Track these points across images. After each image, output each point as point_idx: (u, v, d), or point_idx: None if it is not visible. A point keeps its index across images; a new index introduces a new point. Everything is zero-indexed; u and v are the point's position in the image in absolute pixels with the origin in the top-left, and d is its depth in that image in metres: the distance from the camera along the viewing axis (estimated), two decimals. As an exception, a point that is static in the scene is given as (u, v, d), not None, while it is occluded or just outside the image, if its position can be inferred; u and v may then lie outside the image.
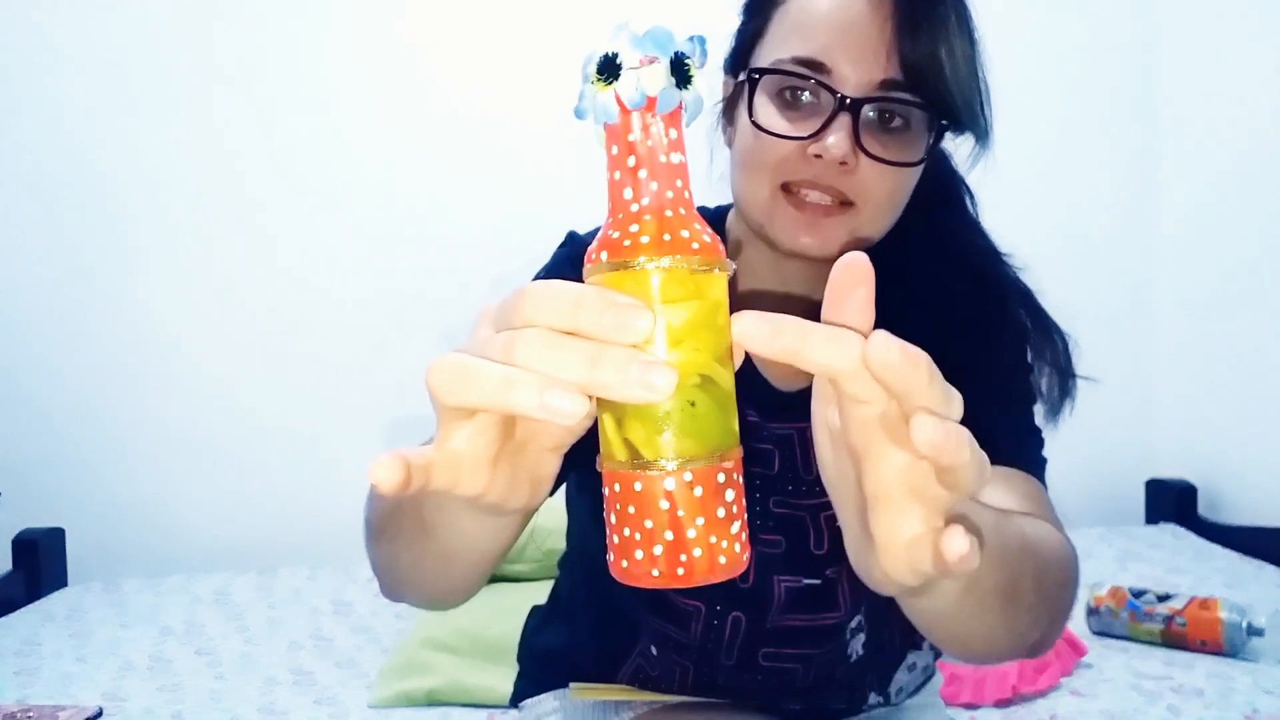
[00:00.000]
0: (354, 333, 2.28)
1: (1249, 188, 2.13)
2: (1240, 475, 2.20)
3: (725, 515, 0.39)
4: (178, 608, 1.93)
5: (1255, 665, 1.48)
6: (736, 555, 0.40)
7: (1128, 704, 1.38)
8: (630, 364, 0.36)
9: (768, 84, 0.73)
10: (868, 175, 0.72)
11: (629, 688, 0.94)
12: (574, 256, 0.85)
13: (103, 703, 1.50)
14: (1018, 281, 0.86)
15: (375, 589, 1.96)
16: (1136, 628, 1.59)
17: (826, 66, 0.71)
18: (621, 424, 0.39)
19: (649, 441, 0.38)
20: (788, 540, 0.86)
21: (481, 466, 0.42)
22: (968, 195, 0.89)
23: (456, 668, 1.52)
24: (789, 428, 0.85)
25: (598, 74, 0.39)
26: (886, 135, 0.72)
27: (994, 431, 0.80)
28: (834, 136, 0.70)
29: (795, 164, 0.72)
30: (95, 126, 2.23)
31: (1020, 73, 2.28)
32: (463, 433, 0.41)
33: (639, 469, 0.39)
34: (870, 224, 0.75)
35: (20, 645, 1.76)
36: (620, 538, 0.40)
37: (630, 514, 0.39)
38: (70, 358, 2.23)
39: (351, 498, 2.37)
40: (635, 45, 0.39)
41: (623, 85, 0.39)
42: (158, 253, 2.25)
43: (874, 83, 0.70)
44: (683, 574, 0.39)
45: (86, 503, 2.22)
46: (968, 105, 0.73)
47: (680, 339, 0.38)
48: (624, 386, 0.36)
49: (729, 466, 0.40)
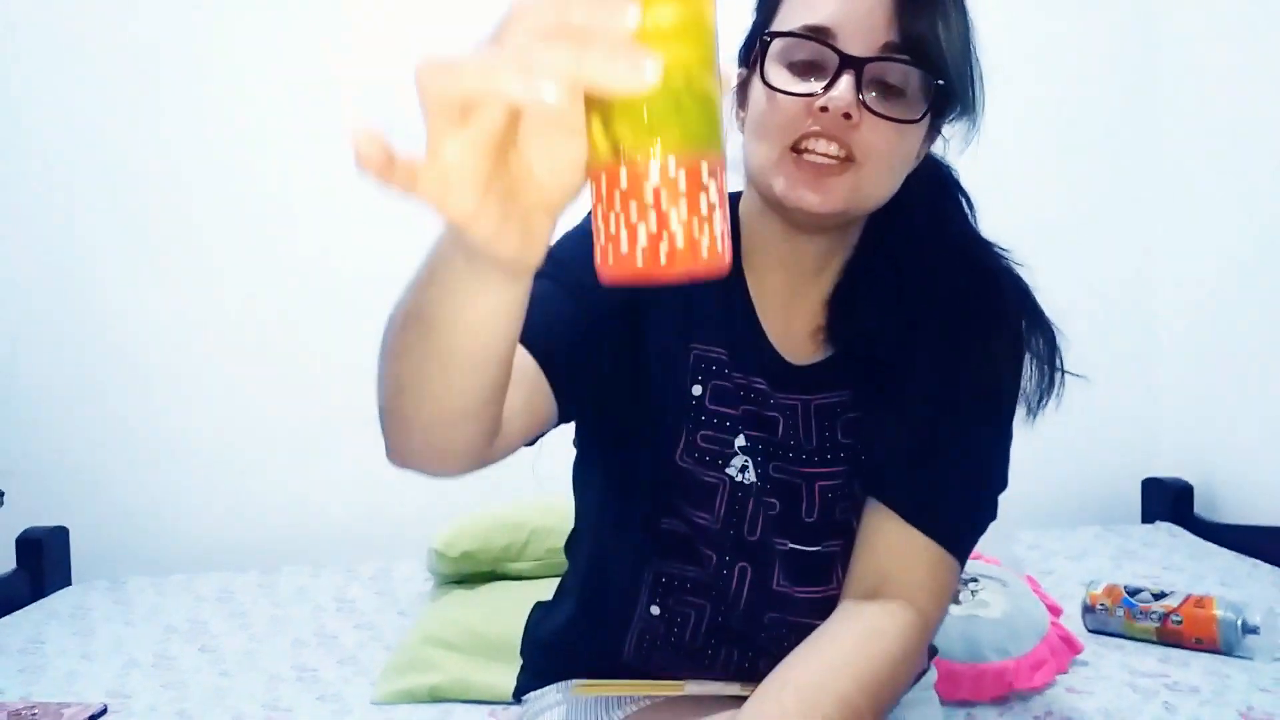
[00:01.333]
0: (356, 333, 2.27)
1: (1249, 186, 2.13)
2: (1236, 475, 2.21)
3: (708, 209, 0.41)
4: (181, 606, 1.95)
5: (1250, 663, 1.49)
6: (718, 252, 0.41)
7: (1123, 701, 1.39)
8: (618, 52, 0.37)
9: (778, 52, 0.79)
10: (869, 132, 0.77)
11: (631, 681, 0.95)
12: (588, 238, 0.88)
13: (107, 700, 1.51)
14: (1013, 274, 0.90)
15: (378, 587, 1.99)
16: (1132, 625, 1.60)
17: (832, 31, 0.77)
18: (609, 124, 0.40)
19: (635, 135, 0.40)
20: (782, 504, 0.90)
21: (471, 186, 0.41)
22: (966, 202, 0.93)
23: (459, 665, 1.53)
24: (795, 398, 0.90)
25: None
26: (887, 95, 0.78)
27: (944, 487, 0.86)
28: (839, 89, 0.75)
29: (803, 119, 0.77)
30: (99, 127, 2.23)
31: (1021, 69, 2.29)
32: (454, 143, 0.40)
33: (625, 161, 0.40)
34: (871, 182, 0.79)
35: (25, 643, 1.77)
36: (606, 235, 0.41)
37: (615, 206, 0.40)
38: (73, 357, 2.24)
39: (354, 496, 2.40)
40: None
41: None
42: (160, 253, 2.26)
43: (876, 45, 0.76)
44: (665, 262, 0.40)
45: (90, 502, 2.22)
46: (960, 76, 0.80)
47: (668, 36, 0.39)
48: (611, 75, 0.36)
49: (714, 162, 0.41)
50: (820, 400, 0.90)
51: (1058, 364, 0.88)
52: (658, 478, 0.90)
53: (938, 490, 0.86)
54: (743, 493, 0.89)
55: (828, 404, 0.90)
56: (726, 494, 0.89)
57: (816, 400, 0.90)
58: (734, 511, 0.90)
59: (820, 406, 0.90)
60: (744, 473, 0.89)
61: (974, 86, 0.83)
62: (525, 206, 0.44)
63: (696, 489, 0.89)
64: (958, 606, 1.50)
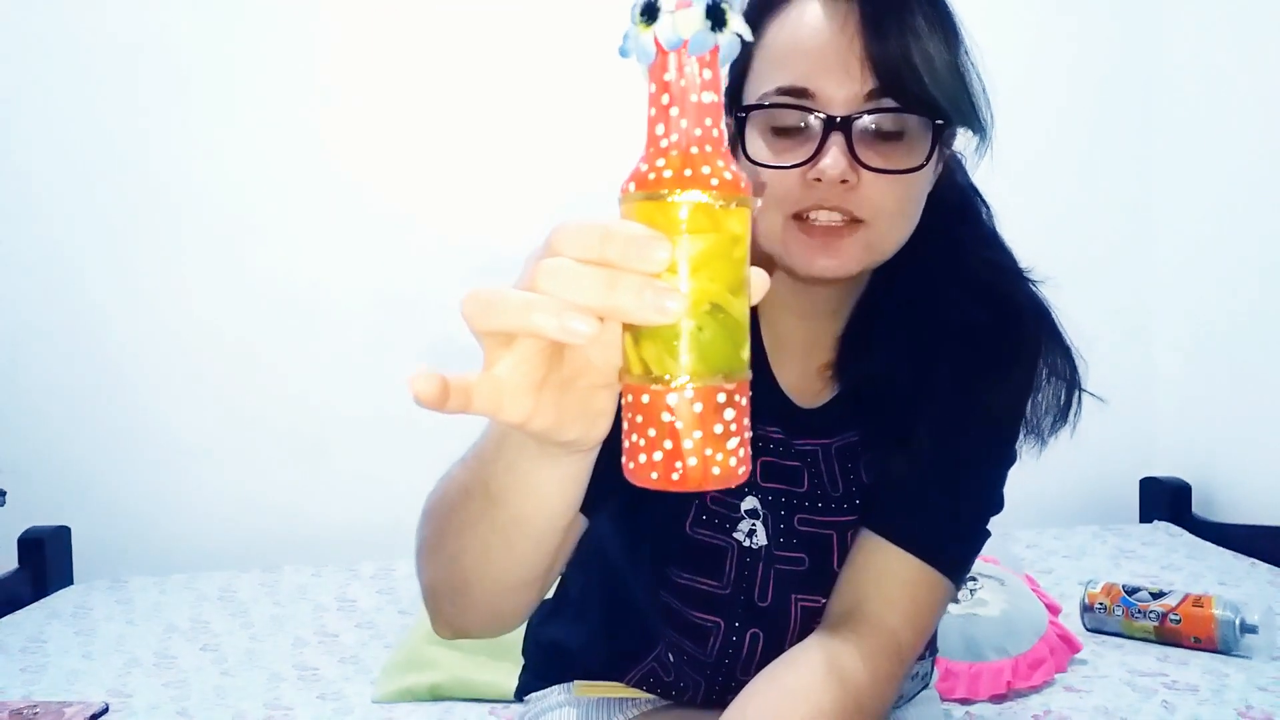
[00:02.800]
0: (357, 333, 2.29)
1: (1247, 189, 2.14)
2: (1234, 474, 2.21)
3: (723, 432, 0.43)
4: (183, 605, 1.95)
5: (1249, 662, 1.50)
6: (731, 469, 0.43)
7: (1122, 700, 1.39)
8: (644, 289, 0.39)
9: (758, 120, 0.74)
10: (872, 189, 0.72)
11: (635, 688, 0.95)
12: None
13: (108, 699, 1.51)
14: (1034, 299, 0.85)
15: (379, 586, 1.99)
16: (1131, 625, 1.61)
17: (810, 91, 0.71)
18: (638, 342, 0.43)
19: (659, 359, 0.42)
20: (811, 558, 0.87)
21: (525, 392, 0.44)
22: (984, 207, 0.89)
23: (460, 663, 1.53)
24: (813, 444, 0.86)
25: (640, 15, 0.42)
26: (884, 146, 0.72)
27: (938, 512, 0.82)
28: (829, 157, 0.70)
29: (799, 193, 0.73)
30: (98, 129, 2.24)
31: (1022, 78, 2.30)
32: (506, 360, 0.43)
33: (649, 382, 0.42)
34: (883, 238, 0.75)
35: (26, 642, 1.77)
36: (629, 442, 0.44)
37: (638, 422, 0.43)
38: (75, 357, 2.25)
39: (355, 495, 2.40)
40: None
41: (660, 27, 0.42)
42: (162, 253, 2.27)
43: (858, 97, 0.71)
44: (677, 479, 0.43)
45: (92, 501, 2.23)
46: (953, 102, 0.73)
47: (696, 268, 0.41)
48: (638, 310, 0.40)
49: (731, 388, 0.43)
50: (840, 443, 0.86)
51: (1076, 389, 0.85)
52: (669, 547, 0.87)
53: (926, 510, 0.82)
54: (751, 557, 0.86)
55: (848, 445, 0.86)
56: (735, 559, 0.86)
57: (836, 443, 0.86)
58: (744, 577, 0.87)
59: (841, 449, 0.86)
60: (751, 537, 0.86)
61: (975, 104, 0.77)
62: (583, 390, 0.45)
63: (705, 555, 0.87)
64: (956, 605, 1.51)
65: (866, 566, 0.82)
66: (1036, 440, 0.86)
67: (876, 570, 0.81)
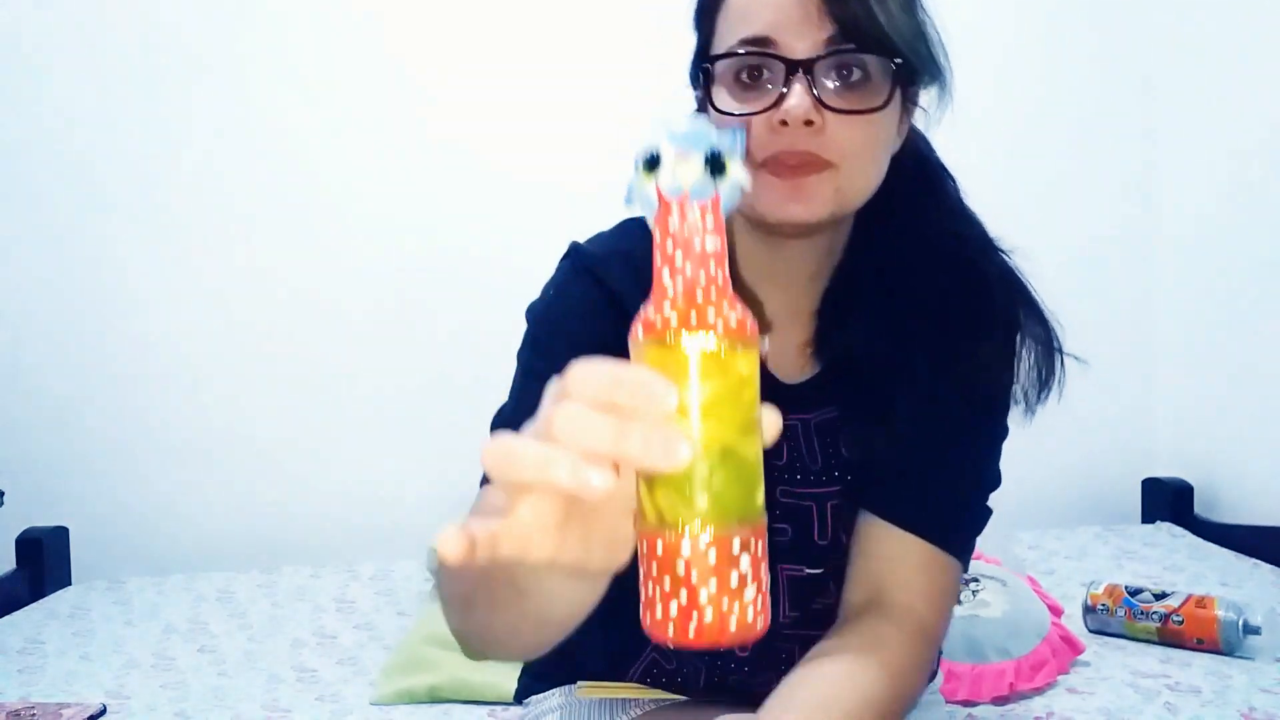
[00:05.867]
0: (356, 333, 2.29)
1: (1248, 189, 2.13)
2: (1236, 474, 2.21)
3: (739, 582, 0.42)
4: (181, 606, 1.95)
5: (1252, 663, 1.49)
6: (749, 622, 0.43)
7: (1124, 701, 1.39)
8: (653, 435, 0.40)
9: (724, 73, 0.77)
10: (837, 131, 0.74)
11: (637, 685, 0.94)
12: (579, 268, 0.87)
13: (106, 700, 1.51)
14: (1006, 268, 0.87)
15: (377, 587, 1.99)
16: (1133, 626, 1.60)
17: (772, 40, 0.74)
18: (651, 489, 0.43)
19: (671, 506, 0.42)
20: (794, 528, 0.88)
21: (549, 533, 0.44)
22: (950, 180, 0.90)
23: (458, 665, 1.53)
24: (795, 419, 0.87)
25: (643, 166, 0.44)
26: (846, 90, 0.75)
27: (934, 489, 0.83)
28: (793, 99, 0.73)
29: (766, 138, 0.75)
30: (97, 128, 2.24)
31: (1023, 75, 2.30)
32: (526, 504, 0.43)
33: (662, 531, 0.42)
34: (851, 181, 0.77)
35: (24, 643, 1.77)
36: (646, 593, 0.44)
37: (653, 572, 0.43)
38: (73, 358, 2.24)
39: (354, 497, 2.40)
40: (673, 141, 0.43)
41: (662, 177, 0.43)
42: (160, 254, 2.26)
43: (819, 43, 0.74)
44: (693, 636, 0.42)
45: (90, 502, 2.23)
46: (911, 48, 0.76)
47: (706, 412, 0.42)
48: (647, 456, 0.40)
49: (746, 535, 0.43)
50: (820, 418, 0.88)
51: (1056, 352, 0.85)
52: None
53: (927, 492, 0.84)
54: None
55: (827, 420, 0.88)
56: None
57: (816, 418, 0.88)
58: None
59: (820, 424, 0.88)
60: None
61: (933, 51, 0.79)
62: (607, 520, 0.45)
63: None
64: (959, 606, 1.50)
65: (879, 555, 0.83)
66: (1025, 410, 0.87)
67: (890, 557, 0.83)
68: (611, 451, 0.41)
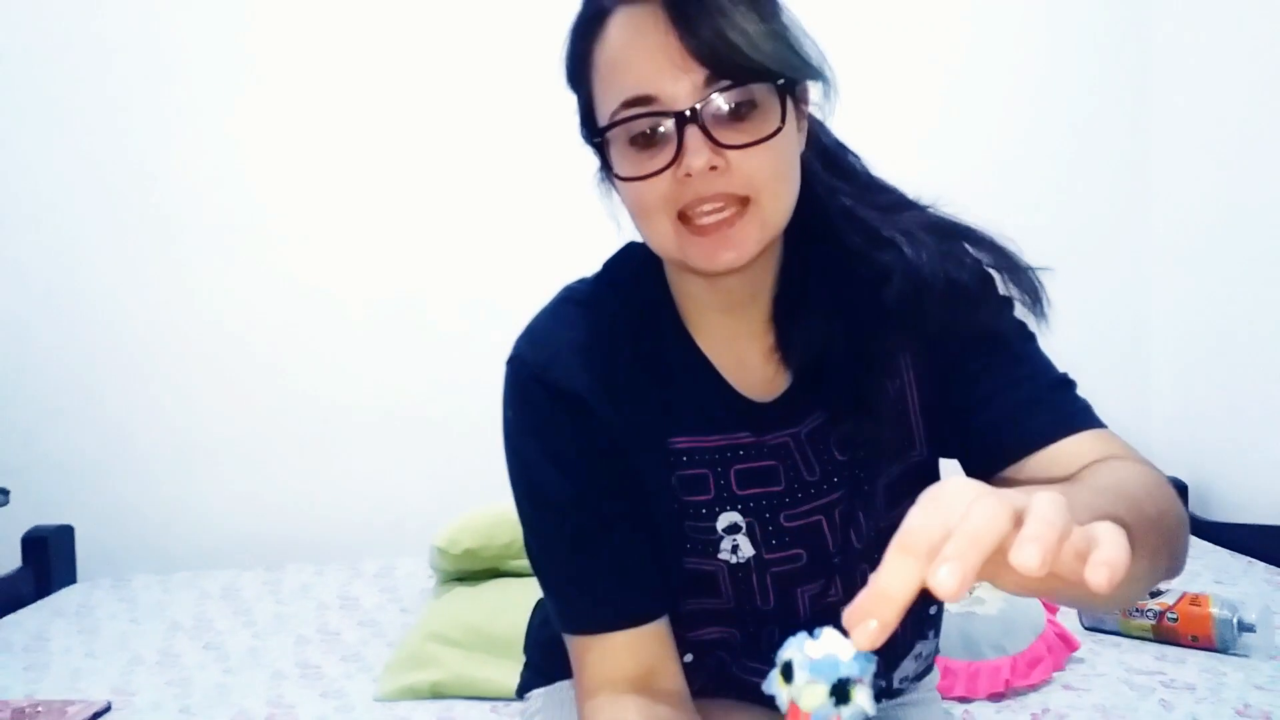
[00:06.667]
0: (359, 332, 2.30)
1: (1243, 187, 2.14)
2: (1231, 473, 2.22)
3: None
4: (186, 603, 1.96)
5: (1246, 661, 1.50)
6: None
7: (1120, 699, 1.40)
8: None
9: (616, 140, 0.76)
10: (743, 166, 0.74)
11: None
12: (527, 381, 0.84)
13: (111, 697, 1.53)
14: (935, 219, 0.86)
15: (381, 584, 2.00)
16: (1128, 623, 1.61)
17: (652, 96, 0.74)
18: None
19: None
20: (808, 551, 0.87)
21: None
22: (854, 158, 0.90)
23: (461, 661, 1.54)
24: (781, 435, 0.86)
25: (780, 671, 0.48)
26: (738, 123, 0.74)
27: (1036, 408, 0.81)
28: (691, 151, 0.73)
29: (676, 191, 0.75)
30: (101, 129, 2.25)
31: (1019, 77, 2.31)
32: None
33: None
34: (771, 210, 0.77)
35: (30, 641, 1.79)
36: None
37: None
38: (78, 357, 2.26)
39: (358, 495, 2.41)
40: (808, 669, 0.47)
41: (793, 691, 0.47)
42: (166, 253, 2.27)
43: (697, 87, 0.73)
44: None
45: (95, 500, 2.24)
46: (782, 62, 0.75)
47: None
48: None
49: None
50: (808, 427, 0.86)
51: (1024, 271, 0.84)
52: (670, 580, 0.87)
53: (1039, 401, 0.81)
54: (743, 571, 0.87)
55: (817, 427, 0.86)
56: (728, 578, 0.87)
57: (805, 429, 0.86)
58: (742, 591, 0.88)
59: (810, 434, 0.86)
60: (736, 553, 0.86)
61: (803, 55, 0.78)
62: None
63: (701, 581, 0.87)
64: (954, 604, 1.51)
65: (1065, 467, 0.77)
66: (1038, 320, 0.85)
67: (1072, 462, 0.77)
68: None
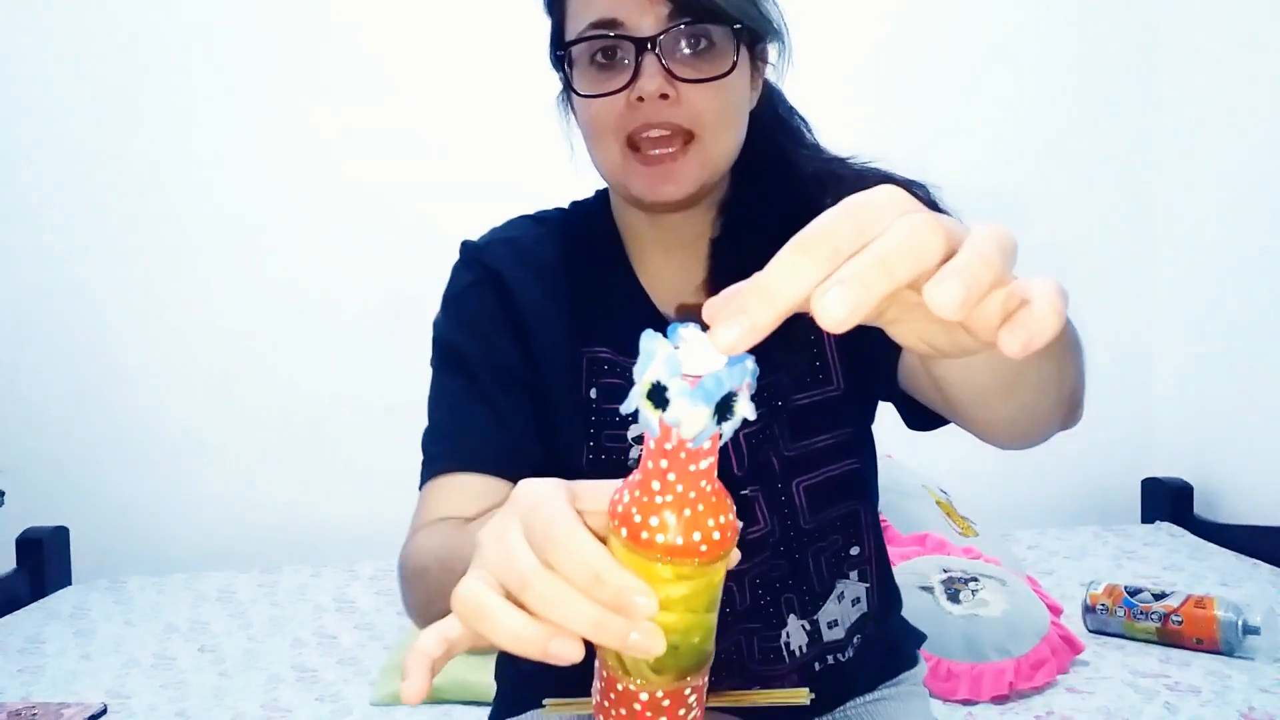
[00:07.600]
0: (356, 333, 2.29)
1: (1246, 189, 2.14)
2: (1236, 474, 2.21)
3: (685, 714, 0.48)
4: (181, 605, 1.95)
5: (1251, 663, 1.49)
6: None
7: (1124, 701, 1.39)
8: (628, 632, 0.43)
9: (579, 57, 0.82)
10: (692, 100, 0.79)
11: None
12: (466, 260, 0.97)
13: (107, 700, 1.52)
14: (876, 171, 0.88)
15: (378, 587, 1.99)
16: (1133, 626, 1.60)
17: (619, 21, 0.79)
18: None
19: (636, 666, 0.46)
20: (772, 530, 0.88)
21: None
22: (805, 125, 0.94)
23: (458, 665, 1.53)
24: None
25: (648, 398, 0.42)
26: (694, 59, 0.79)
27: None
28: (646, 75, 0.78)
29: (627, 115, 0.79)
30: (98, 129, 2.24)
31: (1022, 79, 2.30)
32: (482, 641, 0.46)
33: (625, 679, 0.46)
34: (714, 148, 0.81)
35: (25, 643, 1.77)
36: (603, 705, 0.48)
37: (612, 711, 0.48)
38: (74, 358, 2.25)
39: (353, 496, 2.40)
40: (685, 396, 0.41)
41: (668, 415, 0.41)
42: (161, 253, 2.27)
43: (662, 19, 0.78)
44: None
45: (91, 501, 2.23)
46: (743, 11, 0.81)
47: (675, 607, 0.44)
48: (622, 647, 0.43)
49: (697, 682, 0.47)
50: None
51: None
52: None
53: None
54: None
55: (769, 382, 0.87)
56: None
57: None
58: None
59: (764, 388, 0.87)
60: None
61: (764, 10, 0.84)
62: None
63: None
64: (958, 606, 1.50)
65: None
66: None
67: None
68: (590, 636, 0.43)
